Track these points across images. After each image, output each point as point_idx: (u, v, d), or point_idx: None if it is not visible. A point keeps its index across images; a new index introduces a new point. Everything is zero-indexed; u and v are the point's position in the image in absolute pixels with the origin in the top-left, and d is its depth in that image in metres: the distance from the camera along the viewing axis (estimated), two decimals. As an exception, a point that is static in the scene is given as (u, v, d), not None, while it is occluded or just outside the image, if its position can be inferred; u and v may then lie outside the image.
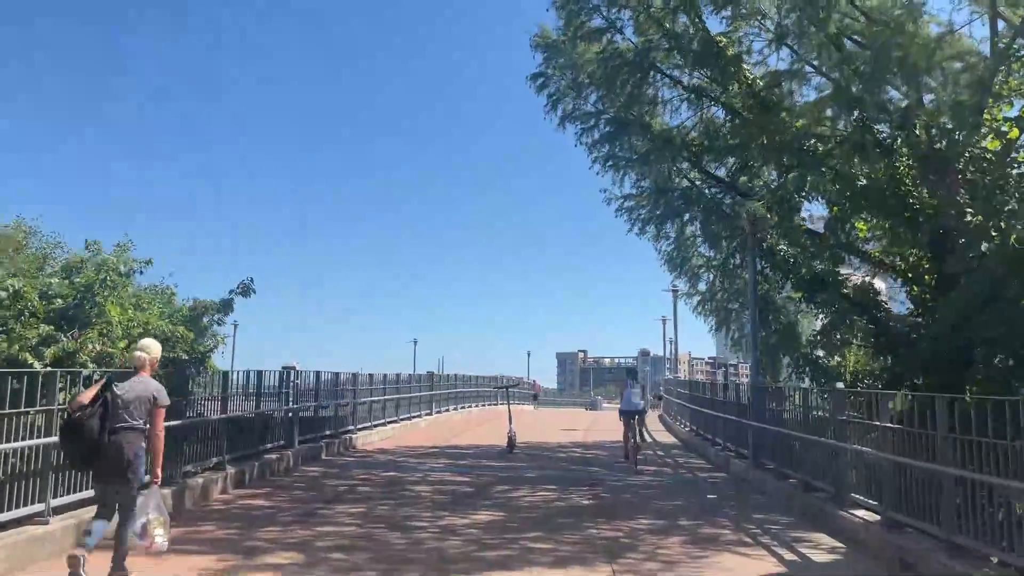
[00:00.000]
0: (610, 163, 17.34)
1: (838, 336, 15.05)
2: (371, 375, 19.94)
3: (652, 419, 35.99)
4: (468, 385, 32.73)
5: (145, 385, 6.29)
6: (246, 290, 11.01)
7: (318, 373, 16.52)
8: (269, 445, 13.25)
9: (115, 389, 6.16)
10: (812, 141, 13.77)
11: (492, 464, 15.18)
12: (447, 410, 29.03)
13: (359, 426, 18.44)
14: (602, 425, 29.15)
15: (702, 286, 21.18)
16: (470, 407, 32.78)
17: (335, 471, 13.50)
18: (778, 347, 18.84)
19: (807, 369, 17.84)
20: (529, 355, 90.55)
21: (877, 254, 14.56)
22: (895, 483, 8.21)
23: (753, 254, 14.43)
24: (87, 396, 6.10)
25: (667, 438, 22.69)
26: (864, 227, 14.96)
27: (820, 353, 18.28)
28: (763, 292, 17.47)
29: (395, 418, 22.00)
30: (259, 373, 13.40)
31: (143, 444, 6.18)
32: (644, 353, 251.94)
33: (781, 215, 14.14)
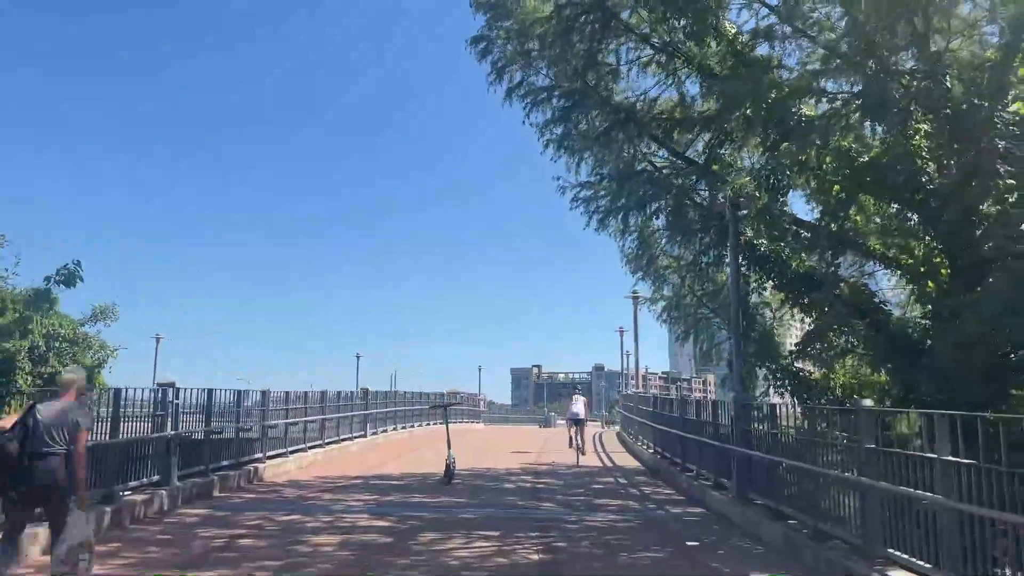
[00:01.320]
0: (564, 146, 14.92)
1: (834, 343, 12.82)
2: (287, 393, 17.13)
3: (609, 437, 33.76)
4: (409, 403, 29.91)
5: (67, 408, 6.32)
6: (69, 278, 8.27)
7: (210, 391, 13.62)
8: (133, 483, 10.41)
9: (36, 414, 6.19)
10: (802, 111, 11.58)
11: (424, 500, 12.53)
12: (385, 431, 26.23)
13: (270, 453, 15.61)
14: (556, 445, 26.63)
15: (667, 291, 18.95)
16: (413, 427, 30.01)
17: (223, 514, 10.71)
18: (755, 358, 16.67)
19: (786, 383, 15.68)
20: (480, 370, 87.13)
21: (878, 247, 12.38)
22: (958, 541, 5.92)
23: (735, 242, 12.19)
24: (7, 422, 6.20)
25: (628, 461, 20.28)
26: (861, 219, 12.82)
27: (800, 365, 16.18)
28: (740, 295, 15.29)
29: (319, 442, 19.17)
30: (117, 391, 10.56)
31: (64, 467, 6.17)
32: (598, 368, 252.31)
33: (767, 200, 11.89)
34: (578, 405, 20.57)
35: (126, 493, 10.14)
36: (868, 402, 8.09)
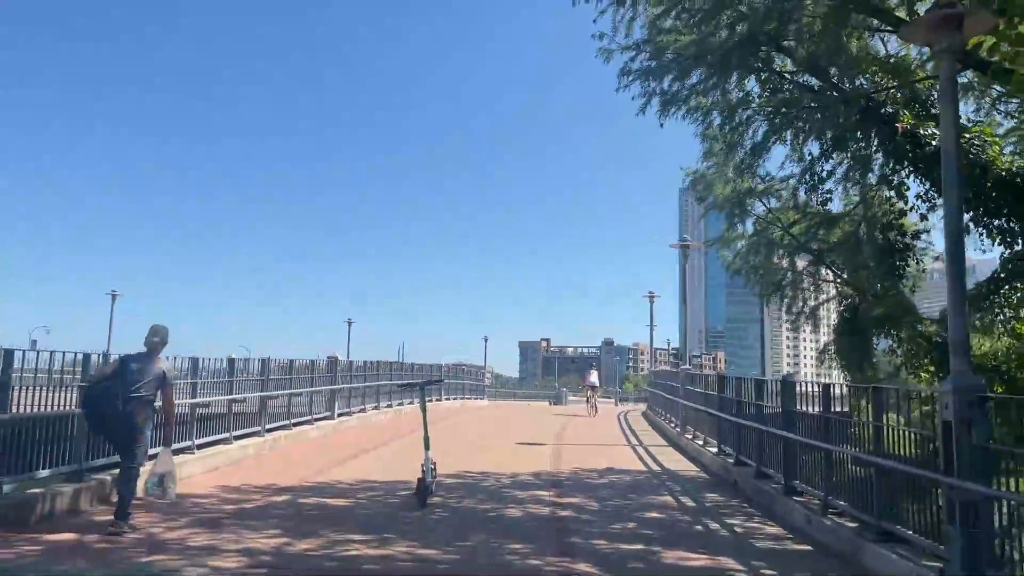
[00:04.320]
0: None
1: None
2: (195, 361, 11.78)
3: (636, 420, 28.47)
4: (393, 375, 24.61)
5: (157, 363, 7.59)
6: None
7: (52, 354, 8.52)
8: None
9: (131, 366, 7.44)
10: None
11: (364, 553, 7.13)
12: (363, 410, 21.00)
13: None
14: (576, 431, 21.38)
15: (747, 227, 13.52)
16: (403, 404, 24.82)
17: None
18: (875, 324, 11.33)
19: (930, 358, 10.44)
20: (487, 341, 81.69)
21: None
22: None
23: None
24: (108, 370, 7.65)
25: (675, 459, 14.94)
26: None
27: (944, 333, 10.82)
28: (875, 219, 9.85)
29: (256, 429, 13.93)
30: None
31: (151, 414, 7.58)
32: (608, 343, 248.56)
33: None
34: (594, 376, 33.62)
35: None
36: None
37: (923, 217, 9.37)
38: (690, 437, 16.43)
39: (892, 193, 9.49)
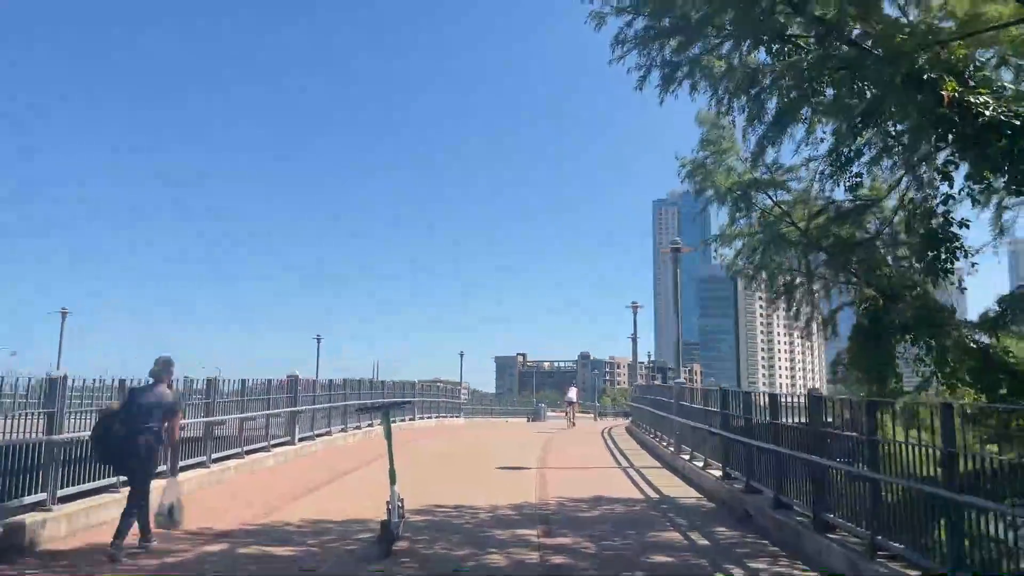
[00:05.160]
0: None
1: None
2: (123, 382, 10.05)
3: (621, 435, 27.05)
4: (362, 394, 22.89)
5: (162, 394, 7.77)
6: None
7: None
8: None
9: (138, 398, 7.71)
10: None
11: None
12: (328, 433, 19.28)
13: (70, 490, 8.70)
14: (561, 452, 19.79)
15: (748, 223, 12.14)
16: (372, 426, 23.08)
17: None
18: (901, 330, 10.03)
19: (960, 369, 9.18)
20: (462, 356, 79.74)
21: None
22: None
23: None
24: (116, 404, 7.90)
25: (672, 484, 13.49)
26: None
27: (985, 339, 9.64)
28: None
29: (201, 459, 12.24)
30: None
31: (159, 444, 7.66)
32: (584, 356, 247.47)
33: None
34: (572, 393, 40.23)
35: None
36: None
37: (975, 202, 7.98)
38: (687, 458, 14.98)
39: (936, 175, 8.17)
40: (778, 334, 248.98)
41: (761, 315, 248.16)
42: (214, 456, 12.61)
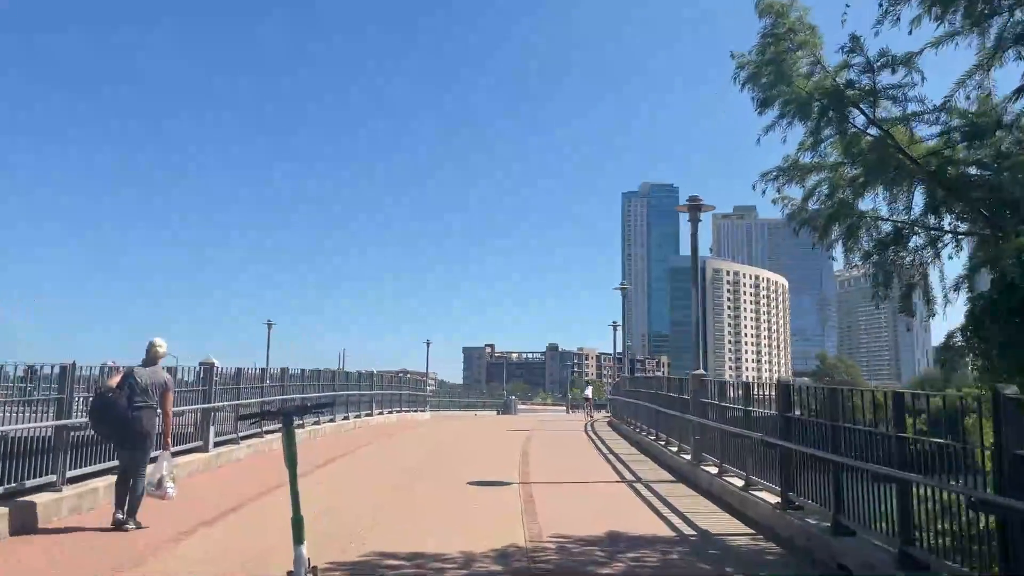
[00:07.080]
0: None
1: None
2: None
3: (606, 432, 23.90)
4: (307, 387, 19.25)
5: (158, 373, 8.26)
6: None
7: None
8: None
9: (135, 376, 8.04)
10: None
11: None
12: (260, 435, 15.67)
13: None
14: (547, 458, 16.15)
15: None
16: (318, 424, 19.58)
17: None
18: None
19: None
20: (429, 344, 76.22)
21: None
22: None
23: None
24: (114, 381, 8.11)
25: (704, 511, 10.19)
26: None
27: None
28: None
29: (89, 469, 8.61)
30: None
31: (155, 420, 8.07)
32: (552, 348, 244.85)
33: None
34: (588, 391, 45.20)
35: None
36: None
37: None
38: (712, 471, 11.70)
39: None
40: (744, 326, 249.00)
41: (729, 306, 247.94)
42: (68, 474, 8.97)
